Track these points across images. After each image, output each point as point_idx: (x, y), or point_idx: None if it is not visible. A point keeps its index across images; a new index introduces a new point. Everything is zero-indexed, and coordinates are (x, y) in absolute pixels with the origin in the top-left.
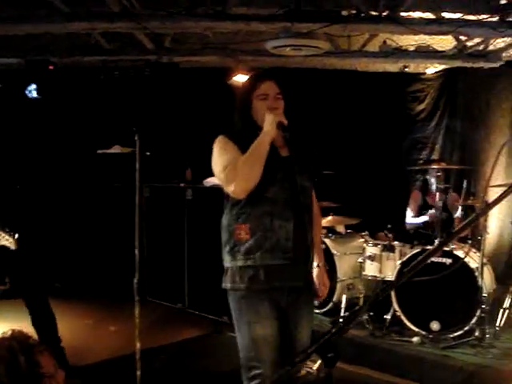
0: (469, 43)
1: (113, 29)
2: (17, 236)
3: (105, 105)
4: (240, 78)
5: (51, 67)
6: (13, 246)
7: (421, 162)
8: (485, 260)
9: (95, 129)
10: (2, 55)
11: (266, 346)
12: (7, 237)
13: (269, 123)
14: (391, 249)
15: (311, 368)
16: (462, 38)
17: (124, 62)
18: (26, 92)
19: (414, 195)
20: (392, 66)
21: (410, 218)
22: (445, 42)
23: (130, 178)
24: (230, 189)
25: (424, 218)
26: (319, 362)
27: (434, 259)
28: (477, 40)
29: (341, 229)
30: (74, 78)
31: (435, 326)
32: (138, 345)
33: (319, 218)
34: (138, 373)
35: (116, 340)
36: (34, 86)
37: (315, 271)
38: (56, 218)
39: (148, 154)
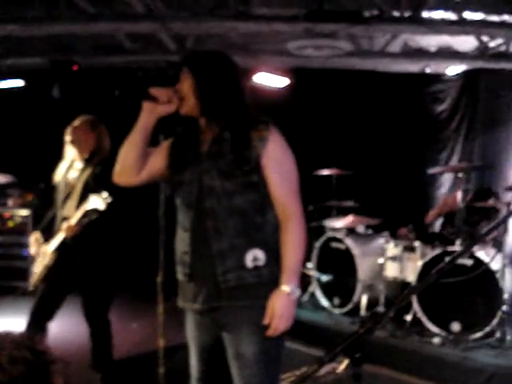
0: (491, 44)
1: (137, 29)
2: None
3: (127, 105)
4: (260, 78)
5: (75, 67)
6: (102, 206)
7: (441, 162)
8: (506, 261)
9: (118, 129)
10: (27, 55)
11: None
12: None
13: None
14: (412, 249)
15: (337, 368)
16: (484, 38)
17: (146, 62)
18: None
19: (450, 197)
20: (413, 67)
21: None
22: (466, 43)
23: None
24: None
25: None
26: (346, 361)
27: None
28: (499, 41)
29: (361, 229)
30: (97, 78)
31: (456, 327)
32: (162, 342)
33: (286, 227)
34: (161, 370)
35: (138, 337)
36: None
37: (273, 293)
38: None
39: None
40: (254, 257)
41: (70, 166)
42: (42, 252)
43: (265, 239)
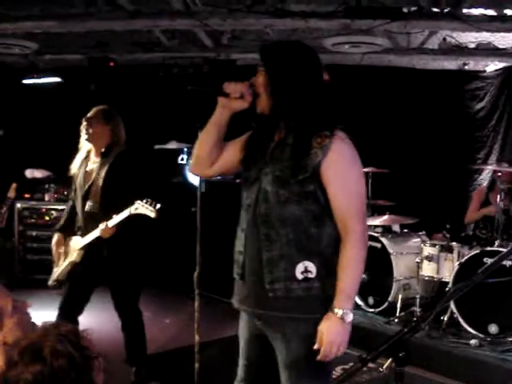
0: None
1: (174, 26)
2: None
3: (163, 101)
4: None
5: (112, 64)
6: (153, 215)
7: (479, 161)
8: None
9: (153, 125)
10: (64, 52)
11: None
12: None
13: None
14: (449, 249)
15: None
16: None
17: (183, 59)
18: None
19: (479, 191)
20: (451, 64)
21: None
22: (506, 39)
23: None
24: None
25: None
26: (389, 360)
27: (491, 260)
28: None
29: (397, 228)
30: (134, 74)
31: (493, 328)
32: (197, 337)
33: (344, 246)
34: (197, 365)
35: (171, 333)
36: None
37: (324, 317)
38: None
39: None
40: (305, 268)
41: (86, 158)
42: (66, 249)
43: (318, 251)
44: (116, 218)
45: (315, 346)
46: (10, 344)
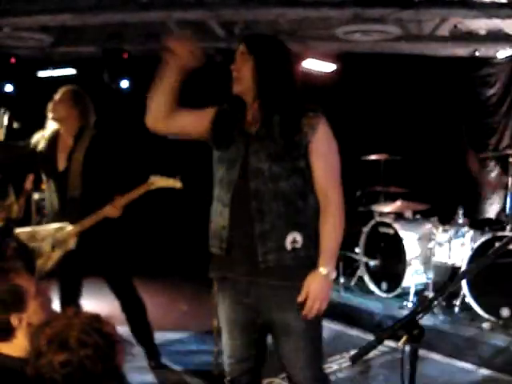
0: None
1: (187, 17)
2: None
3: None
4: (309, 64)
5: (125, 55)
6: (178, 185)
7: (490, 147)
8: None
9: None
10: (79, 44)
11: (225, 336)
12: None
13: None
14: (462, 235)
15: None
16: None
17: None
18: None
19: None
20: (462, 51)
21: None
22: None
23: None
24: None
25: None
26: (404, 337)
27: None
28: None
29: (409, 214)
30: (148, 65)
31: (505, 312)
32: (216, 322)
33: (327, 211)
34: (215, 349)
35: (189, 317)
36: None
37: (310, 275)
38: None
39: None
40: (293, 239)
41: (53, 140)
42: (60, 235)
43: (304, 223)
44: (128, 197)
45: (299, 299)
46: (34, 325)
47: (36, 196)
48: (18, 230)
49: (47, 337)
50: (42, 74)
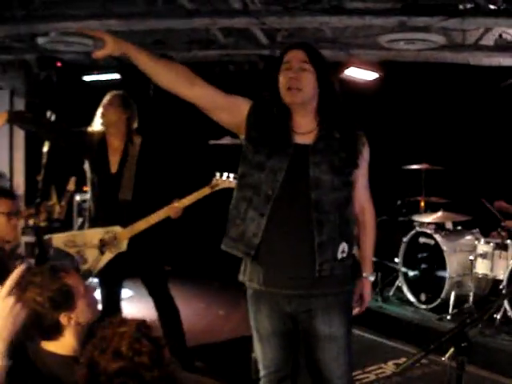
0: None
1: (232, 24)
2: None
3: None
4: (352, 72)
5: None
6: None
7: None
8: None
9: (207, 119)
10: None
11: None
12: None
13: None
14: (504, 247)
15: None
16: None
17: (238, 56)
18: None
19: None
20: (507, 60)
21: None
22: None
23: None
24: None
25: None
26: (451, 350)
27: None
28: None
29: (450, 225)
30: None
31: None
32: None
33: (368, 222)
34: (253, 355)
35: (226, 323)
36: None
37: (359, 281)
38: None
39: None
40: (343, 249)
41: (102, 145)
42: (110, 238)
43: (349, 233)
44: (191, 198)
45: (356, 308)
46: (81, 324)
47: (78, 198)
48: (54, 236)
49: (99, 347)
50: (87, 78)
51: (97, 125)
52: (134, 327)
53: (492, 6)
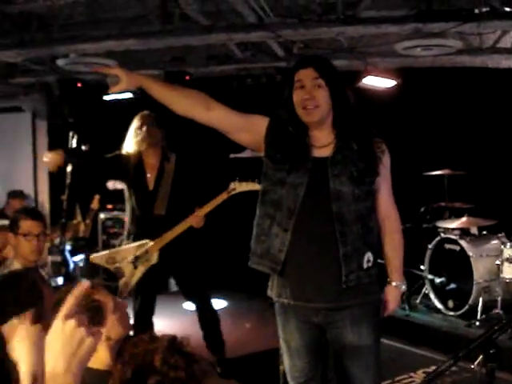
0: None
1: (248, 39)
2: None
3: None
4: (370, 81)
5: (187, 77)
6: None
7: None
8: None
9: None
10: (142, 67)
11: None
12: None
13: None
14: None
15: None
16: None
17: (255, 69)
18: None
19: None
20: None
21: None
22: None
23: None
24: None
25: None
26: (481, 357)
27: None
28: None
29: (474, 230)
30: (209, 86)
31: None
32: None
33: (393, 229)
34: (281, 367)
35: (254, 337)
36: None
37: (386, 289)
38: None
39: None
40: (368, 259)
41: (139, 163)
42: (142, 252)
43: (373, 242)
44: (210, 205)
45: (384, 314)
46: (114, 339)
47: (102, 215)
48: (94, 256)
49: (131, 366)
50: (107, 97)
51: (129, 146)
52: (165, 342)
53: (508, 9)
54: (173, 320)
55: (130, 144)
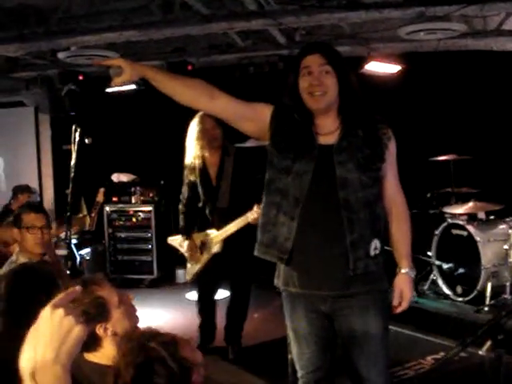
0: None
1: (249, 27)
2: None
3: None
4: (373, 66)
5: (190, 67)
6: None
7: None
8: None
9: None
10: (144, 59)
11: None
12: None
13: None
14: None
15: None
16: None
17: (258, 58)
18: None
19: None
20: None
21: None
22: None
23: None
24: None
25: None
26: (489, 343)
27: None
28: None
29: (481, 215)
30: (211, 76)
31: None
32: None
33: (401, 215)
34: (290, 356)
35: (262, 326)
36: None
37: (397, 277)
38: None
39: None
40: (375, 246)
41: (200, 159)
42: (200, 245)
43: (380, 229)
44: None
45: (395, 302)
46: (119, 334)
47: (107, 208)
48: (170, 239)
49: (126, 361)
50: (109, 89)
51: (192, 148)
52: (161, 345)
53: None
54: (177, 309)
55: (193, 146)
